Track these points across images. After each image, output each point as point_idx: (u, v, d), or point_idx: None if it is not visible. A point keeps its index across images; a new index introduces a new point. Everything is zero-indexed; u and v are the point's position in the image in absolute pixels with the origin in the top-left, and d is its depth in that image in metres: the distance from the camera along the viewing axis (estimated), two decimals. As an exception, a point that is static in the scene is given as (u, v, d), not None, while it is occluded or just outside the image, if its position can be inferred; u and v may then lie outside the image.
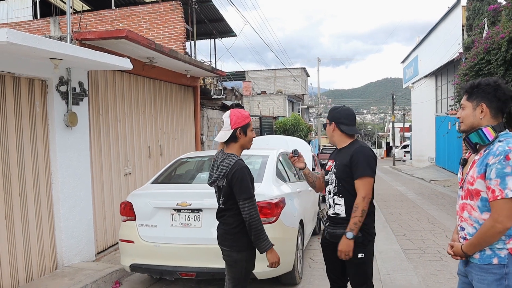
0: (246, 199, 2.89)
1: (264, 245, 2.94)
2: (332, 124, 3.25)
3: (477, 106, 2.30)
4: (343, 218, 3.11)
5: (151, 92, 7.93)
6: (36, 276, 5.03)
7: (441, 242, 7.02)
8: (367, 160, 3.06)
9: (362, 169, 3.02)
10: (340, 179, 3.13)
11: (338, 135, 3.25)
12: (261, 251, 2.98)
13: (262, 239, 2.93)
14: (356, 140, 3.28)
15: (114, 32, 5.91)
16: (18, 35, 3.84)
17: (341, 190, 3.13)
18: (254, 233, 2.90)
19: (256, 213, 2.91)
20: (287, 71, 37.05)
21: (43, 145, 5.25)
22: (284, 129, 21.98)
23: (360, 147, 3.15)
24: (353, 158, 3.06)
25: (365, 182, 3.02)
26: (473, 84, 2.35)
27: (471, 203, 2.27)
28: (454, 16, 19.83)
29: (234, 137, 3.02)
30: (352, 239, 2.98)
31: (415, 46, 28.67)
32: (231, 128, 3.00)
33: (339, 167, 3.14)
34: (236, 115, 3.03)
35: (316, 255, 6.30)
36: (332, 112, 3.29)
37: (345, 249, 2.99)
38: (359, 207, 2.98)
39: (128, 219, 4.69)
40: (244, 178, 2.91)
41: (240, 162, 2.97)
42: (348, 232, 2.98)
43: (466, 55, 12.01)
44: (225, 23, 14.25)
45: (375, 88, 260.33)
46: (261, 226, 2.92)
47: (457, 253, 2.34)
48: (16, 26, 10.16)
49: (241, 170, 2.92)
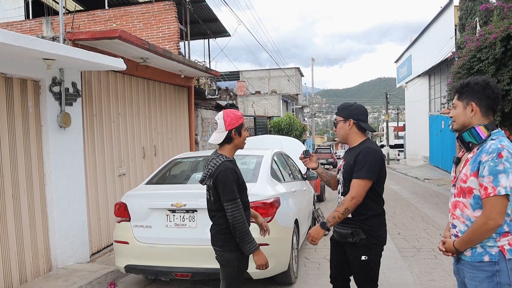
0: (229, 200, 2.87)
1: (249, 247, 2.90)
2: (348, 121, 3.12)
3: (467, 105, 2.33)
4: (349, 218, 3.04)
5: (145, 92, 7.90)
6: (29, 277, 5.00)
7: (435, 240, 7.05)
8: (370, 162, 2.96)
9: (361, 170, 2.95)
10: (346, 179, 3.08)
11: (355, 132, 3.13)
12: (246, 253, 2.95)
13: (247, 241, 2.89)
14: (367, 139, 3.17)
15: (107, 32, 5.89)
16: (10, 35, 3.81)
17: (347, 190, 3.05)
18: (239, 235, 2.88)
19: (240, 215, 2.87)
20: (281, 71, 37.09)
21: (36, 146, 5.21)
22: (278, 129, 22.01)
23: (367, 148, 3.04)
24: (357, 158, 3.00)
25: (360, 183, 2.95)
26: (463, 83, 2.38)
27: (464, 201, 2.29)
28: (446, 16, 19.95)
29: (228, 138, 3.00)
30: (324, 229, 2.95)
31: (408, 46, 28.81)
32: (226, 129, 2.98)
33: (346, 167, 3.10)
34: (229, 116, 3.00)
35: (311, 254, 6.31)
36: (349, 109, 3.16)
37: (313, 234, 2.99)
38: (344, 204, 2.95)
39: (122, 220, 4.67)
40: (227, 180, 2.87)
41: (226, 163, 2.93)
42: (324, 221, 2.97)
43: (458, 54, 12.09)
44: (219, 23, 14.25)
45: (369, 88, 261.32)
46: (245, 228, 2.89)
47: (449, 249, 2.36)
48: (8, 26, 10.09)
49: (225, 171, 2.89)
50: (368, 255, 3.03)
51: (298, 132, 23.42)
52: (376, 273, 3.14)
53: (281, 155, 6.24)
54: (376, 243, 3.07)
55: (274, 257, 4.43)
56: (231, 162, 3.01)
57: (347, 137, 3.17)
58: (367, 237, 3.02)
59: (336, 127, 3.22)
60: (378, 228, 3.07)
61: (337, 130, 3.21)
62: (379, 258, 3.14)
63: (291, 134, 21.10)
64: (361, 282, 3.14)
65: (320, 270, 5.55)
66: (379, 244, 3.10)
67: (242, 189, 3.03)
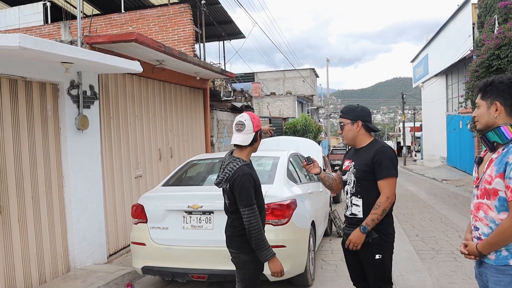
0: (246, 206, 2.85)
1: (266, 254, 2.86)
2: (356, 123, 3.16)
3: (491, 104, 2.26)
4: (360, 219, 3.06)
5: (161, 94, 7.96)
6: (48, 278, 5.07)
7: (454, 242, 6.94)
8: (391, 160, 3.03)
9: (387, 169, 3.00)
10: (360, 179, 3.09)
11: (363, 134, 3.18)
12: (262, 260, 2.92)
13: (263, 248, 2.86)
14: (375, 139, 3.23)
15: (124, 36, 5.94)
16: (30, 39, 3.87)
17: (360, 191, 3.09)
18: (254, 241, 2.85)
19: (257, 222, 2.84)
20: (296, 72, 36.99)
21: (55, 148, 5.29)
22: (294, 130, 21.93)
23: (383, 147, 3.11)
24: (376, 158, 3.02)
25: (390, 182, 3.00)
26: (486, 82, 2.30)
27: (488, 203, 2.22)
28: (464, 14, 19.64)
29: (254, 140, 3.00)
30: (365, 233, 2.97)
31: (425, 45, 28.45)
32: (254, 131, 2.97)
33: (360, 167, 3.10)
34: (255, 117, 3.03)
35: (328, 256, 6.26)
36: (355, 111, 3.21)
37: (354, 240, 3.00)
38: (381, 206, 2.97)
39: (139, 222, 4.70)
40: (244, 186, 2.85)
41: (244, 168, 2.92)
42: (363, 226, 2.97)
43: (477, 52, 11.90)
44: (234, 25, 14.27)
45: (384, 88, 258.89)
46: (261, 235, 2.86)
47: (472, 252, 2.29)
48: (28, 31, 10.27)
49: (242, 177, 2.87)
50: (381, 253, 3.04)
51: (314, 133, 23.30)
52: (390, 271, 3.16)
53: (297, 156, 6.21)
54: (388, 241, 3.10)
55: (290, 259, 4.41)
56: (248, 166, 2.99)
57: (355, 139, 3.21)
58: (380, 235, 3.03)
59: (343, 130, 3.24)
60: (388, 226, 3.10)
61: (345, 132, 3.23)
62: (391, 256, 3.17)
63: (306, 136, 21.02)
64: (376, 282, 3.11)
65: (337, 272, 5.50)
66: (391, 241, 3.13)
67: (258, 192, 3.01)
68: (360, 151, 3.18)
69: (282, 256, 4.28)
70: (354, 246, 3.01)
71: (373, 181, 3.04)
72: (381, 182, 3.00)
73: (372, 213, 2.98)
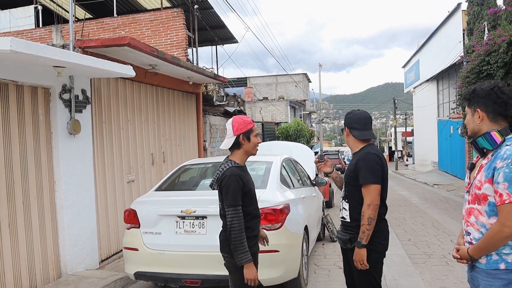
0: (230, 206, 2.87)
1: (242, 258, 2.84)
2: (346, 129, 3.24)
3: (474, 111, 2.32)
4: (348, 223, 3.10)
5: (153, 99, 7.94)
6: (39, 284, 5.01)
7: (446, 246, 6.98)
8: (369, 166, 2.99)
9: (363, 176, 2.98)
10: (347, 184, 3.15)
11: (352, 140, 3.22)
12: (237, 263, 2.89)
13: (240, 250, 2.84)
14: (368, 144, 3.19)
15: (116, 40, 5.92)
16: (22, 43, 3.85)
17: (347, 195, 3.14)
18: (233, 242, 2.85)
19: (238, 223, 2.84)
20: (289, 77, 37.10)
21: (47, 153, 5.25)
22: (286, 135, 21.96)
23: (365, 153, 3.08)
24: (357, 164, 3.05)
25: (369, 189, 2.96)
26: (469, 90, 2.38)
27: (478, 208, 2.24)
28: (454, 20, 19.88)
29: (237, 144, 3.02)
30: (362, 247, 2.93)
31: (416, 51, 28.73)
32: (234, 134, 3.01)
33: (347, 172, 3.17)
34: (238, 121, 3.05)
35: (321, 261, 6.26)
36: (347, 117, 3.26)
37: (357, 258, 2.96)
38: (365, 215, 2.93)
39: (132, 227, 4.67)
40: (230, 186, 2.87)
41: (233, 169, 2.94)
42: (358, 241, 2.95)
43: (467, 58, 12.04)
44: (227, 30, 14.31)
45: (376, 93, 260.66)
46: (240, 237, 2.84)
47: (463, 256, 2.32)
48: (19, 35, 10.20)
49: (230, 177, 2.89)
50: (369, 259, 2.96)
51: (306, 138, 23.34)
52: (378, 281, 3.09)
53: (290, 161, 6.22)
54: (376, 250, 3.01)
55: (284, 264, 4.40)
56: (240, 168, 3.01)
57: (348, 144, 3.28)
58: (372, 241, 2.97)
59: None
60: (377, 235, 3.01)
61: (344, 138, 3.31)
62: (380, 266, 3.09)
63: (299, 140, 21.05)
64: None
65: (330, 277, 5.50)
66: (378, 251, 3.04)
67: (250, 196, 3.01)
68: (354, 156, 3.22)
69: (275, 261, 4.30)
70: (361, 265, 2.96)
71: (356, 186, 3.04)
72: (363, 189, 3.00)
73: (361, 225, 2.96)
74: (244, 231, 2.87)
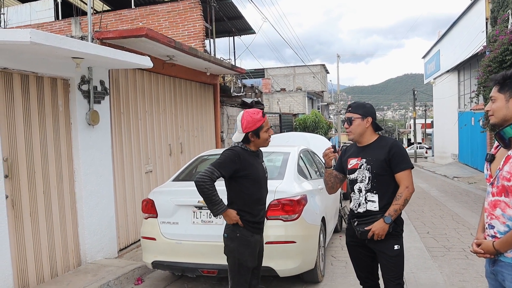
0: (212, 165, 3.06)
1: (216, 209, 3.08)
2: (367, 119, 3.17)
3: (510, 97, 2.18)
4: (377, 213, 3.05)
5: (171, 90, 7.96)
6: (60, 272, 5.11)
7: (466, 240, 6.86)
8: (404, 153, 3.13)
9: (405, 162, 3.08)
10: (377, 175, 3.07)
11: (371, 130, 3.21)
12: (214, 215, 3.13)
13: (212, 203, 3.06)
14: (382, 136, 3.28)
15: (134, 31, 5.94)
16: (41, 34, 3.88)
17: (376, 186, 3.07)
18: (203, 196, 3.06)
19: (208, 178, 3.00)
20: (306, 68, 36.81)
21: (66, 143, 5.32)
22: (304, 126, 21.85)
23: (396, 141, 3.22)
24: (393, 152, 3.07)
25: (409, 173, 3.08)
26: (505, 74, 2.21)
27: (506, 200, 2.14)
28: (477, 9, 19.37)
29: (246, 139, 3.18)
30: (389, 224, 2.97)
31: (437, 41, 28.14)
32: (243, 132, 3.15)
33: (375, 163, 3.08)
34: (246, 119, 3.13)
35: (338, 253, 6.23)
36: (365, 107, 3.22)
37: (379, 231, 2.98)
38: (403, 196, 3.02)
39: (149, 217, 4.71)
40: (224, 156, 3.09)
41: (237, 148, 3.16)
42: (387, 216, 2.98)
43: (490, 48, 11.74)
44: (244, 21, 14.22)
45: (395, 84, 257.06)
46: (208, 192, 3.02)
47: (488, 250, 2.21)
48: (39, 27, 10.33)
49: (228, 150, 3.14)
50: (399, 244, 3.08)
51: (324, 129, 23.19)
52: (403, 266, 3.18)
53: (308, 152, 6.18)
54: (402, 230, 3.16)
55: (301, 255, 4.39)
56: (246, 151, 3.17)
57: (363, 134, 3.21)
58: (397, 224, 3.08)
59: (352, 124, 3.20)
60: (399, 222, 3.14)
61: (354, 127, 3.20)
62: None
63: (317, 132, 20.93)
64: (393, 276, 3.06)
65: (347, 268, 5.47)
66: (402, 233, 3.17)
67: (252, 182, 3.15)
68: (369, 147, 3.17)
69: (292, 252, 4.29)
70: (377, 237, 3.00)
71: (388, 175, 3.07)
72: (400, 174, 3.06)
73: (394, 203, 3.01)
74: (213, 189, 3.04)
